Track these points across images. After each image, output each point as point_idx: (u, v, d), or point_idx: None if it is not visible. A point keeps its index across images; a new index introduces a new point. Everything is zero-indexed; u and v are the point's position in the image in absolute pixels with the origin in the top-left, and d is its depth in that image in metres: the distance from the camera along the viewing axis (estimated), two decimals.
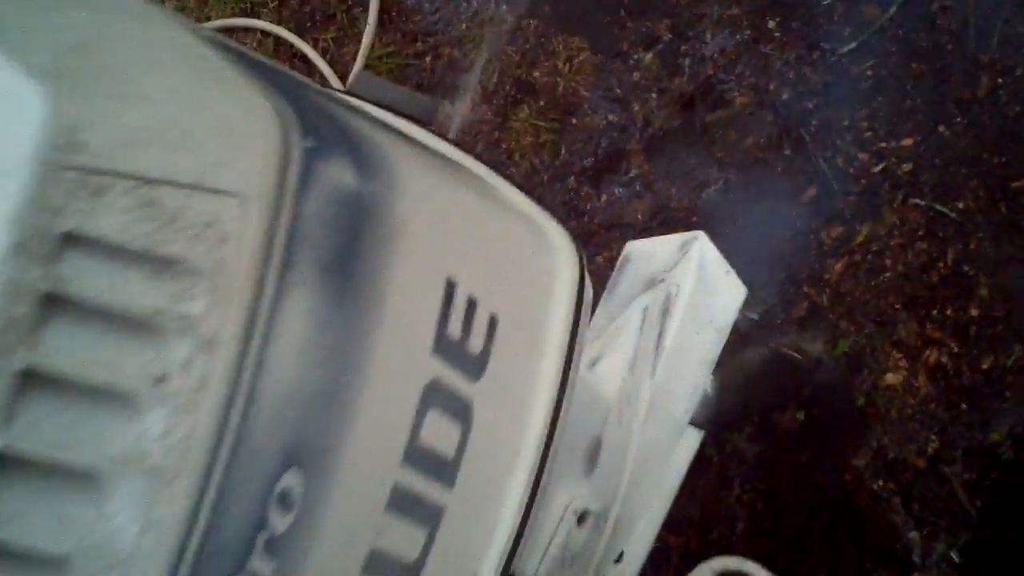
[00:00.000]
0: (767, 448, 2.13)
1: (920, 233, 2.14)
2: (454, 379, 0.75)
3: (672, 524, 1.82)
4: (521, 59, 2.50)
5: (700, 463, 1.81)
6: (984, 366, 2.05)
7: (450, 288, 0.73)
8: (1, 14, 0.55)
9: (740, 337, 2.02)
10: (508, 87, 2.49)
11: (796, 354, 2.13)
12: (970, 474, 2.03)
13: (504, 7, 2.54)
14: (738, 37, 2.33)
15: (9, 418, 0.52)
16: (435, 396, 0.73)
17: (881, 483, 2.06)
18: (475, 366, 0.77)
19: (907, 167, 2.16)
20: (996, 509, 2.02)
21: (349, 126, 0.69)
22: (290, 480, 0.63)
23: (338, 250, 0.62)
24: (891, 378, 2.10)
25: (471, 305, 0.75)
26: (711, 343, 1.63)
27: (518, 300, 0.81)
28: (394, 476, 0.72)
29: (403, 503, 0.74)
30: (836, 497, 2.08)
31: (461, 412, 0.77)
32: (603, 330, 1.62)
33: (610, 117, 2.40)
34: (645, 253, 1.76)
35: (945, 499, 2.04)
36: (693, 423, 1.68)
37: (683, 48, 2.36)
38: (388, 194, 0.66)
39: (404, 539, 0.76)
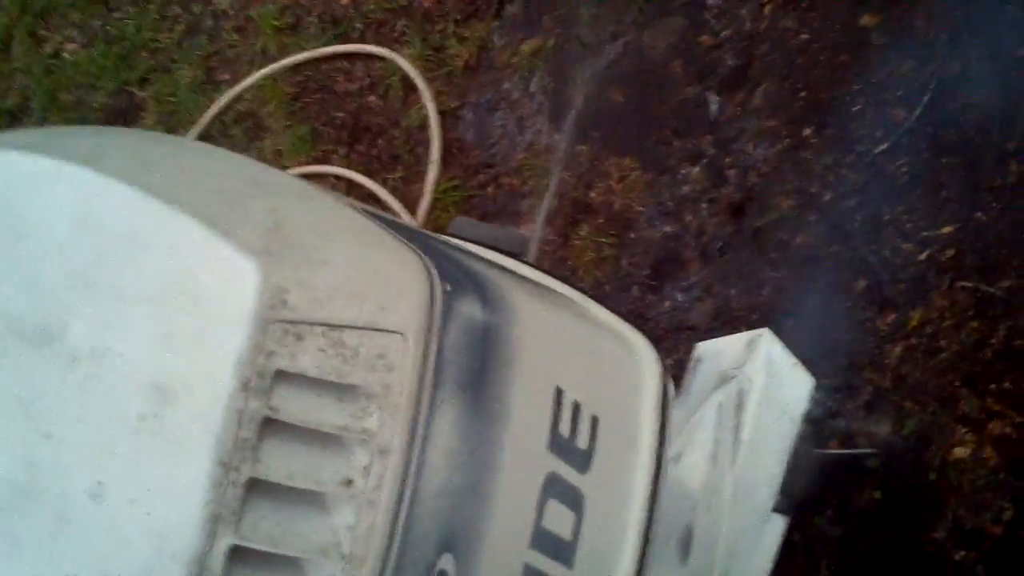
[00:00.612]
0: (848, 528, 2.22)
1: (970, 313, 2.26)
2: (567, 472, 0.89)
3: None
4: (577, 181, 2.68)
5: (787, 549, 1.91)
6: None
7: (559, 395, 0.88)
8: (208, 205, 0.73)
9: (813, 425, 2.12)
10: (567, 208, 2.67)
11: (866, 439, 2.23)
12: None
13: (556, 136, 2.73)
14: (778, 146, 2.50)
15: (239, 519, 0.68)
16: (553, 487, 0.88)
17: (963, 553, 2.14)
18: (583, 460, 0.92)
19: (950, 253, 2.29)
20: None
21: (471, 269, 0.85)
22: (445, 564, 0.78)
23: (472, 371, 0.78)
24: (959, 451, 2.19)
25: (576, 409, 0.90)
26: (786, 432, 1.74)
27: (614, 402, 0.96)
28: (525, 557, 0.86)
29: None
30: (921, 571, 2.15)
31: (574, 500, 0.91)
32: (681, 428, 1.74)
33: (665, 228, 2.56)
34: (714, 352, 1.89)
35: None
36: (777, 510, 1.78)
37: (727, 160, 2.53)
38: (507, 323, 0.82)
39: None
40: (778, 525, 1.77)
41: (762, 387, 1.68)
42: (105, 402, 0.70)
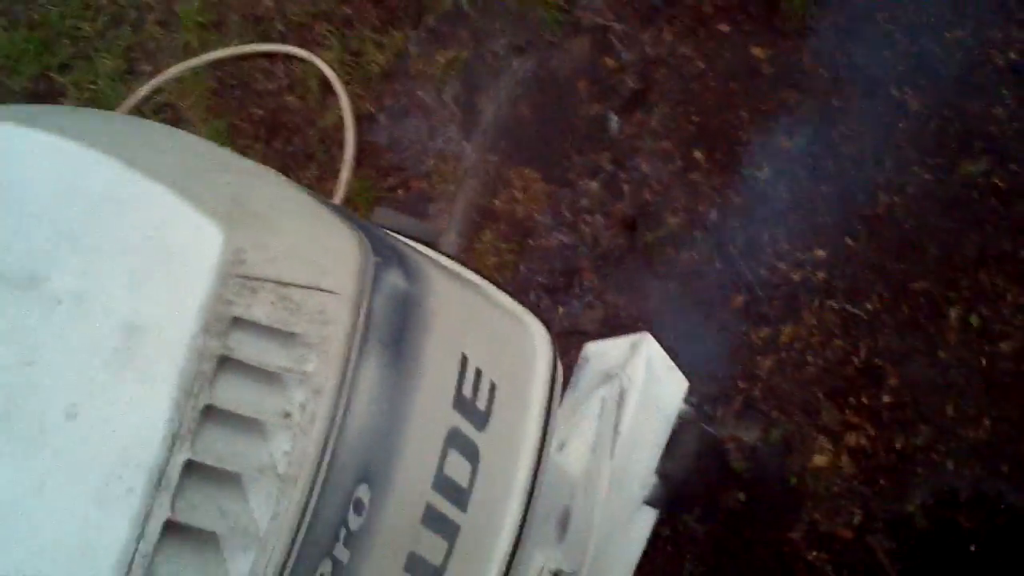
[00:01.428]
0: (714, 527, 2.41)
1: (836, 332, 2.47)
2: (467, 428, 1.04)
3: None
4: (483, 189, 2.84)
5: (655, 541, 2.08)
6: (897, 446, 2.36)
7: (464, 361, 1.03)
8: (179, 176, 0.86)
9: (685, 427, 2.30)
10: (472, 214, 2.82)
11: (735, 443, 2.42)
12: (891, 542, 2.31)
13: (465, 144, 2.88)
14: (670, 166, 2.69)
15: (195, 439, 0.81)
16: (454, 440, 1.03)
17: (815, 554, 2.34)
18: (481, 419, 1.07)
19: (821, 275, 2.50)
20: (914, 573, 2.30)
21: (396, 247, 1.00)
22: (362, 493, 0.92)
23: (393, 331, 0.93)
24: (819, 459, 2.40)
25: (478, 374, 1.05)
26: (660, 429, 1.89)
27: (510, 372, 1.11)
28: (428, 497, 1.00)
29: (432, 518, 1.02)
30: (776, 569, 2.35)
31: (472, 453, 1.06)
32: (568, 419, 1.87)
33: (563, 238, 2.73)
34: (600, 353, 2.04)
35: (870, 566, 2.31)
36: (648, 503, 1.93)
37: (623, 176, 2.72)
38: (424, 294, 0.97)
39: (432, 547, 1.04)
40: (648, 517, 1.91)
41: (641, 386, 1.81)
42: (83, 337, 0.83)
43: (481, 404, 1.06)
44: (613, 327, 2.53)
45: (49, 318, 0.84)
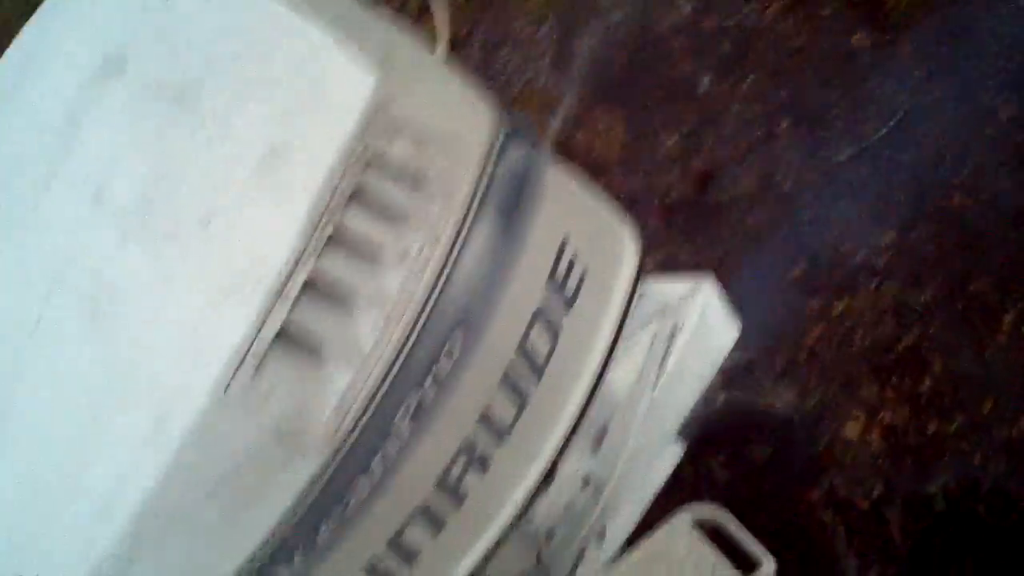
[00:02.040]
0: (736, 474, 2.48)
1: (888, 314, 2.52)
2: (554, 307, 1.12)
3: (644, 527, 2.14)
4: (565, 124, 2.90)
5: (677, 477, 2.15)
6: (930, 430, 2.40)
7: (563, 244, 1.10)
8: (339, 26, 0.94)
9: (727, 375, 2.37)
10: (550, 147, 2.88)
11: (771, 400, 2.49)
12: (906, 519, 2.37)
13: (553, 79, 2.94)
14: (754, 132, 2.74)
15: (317, 261, 0.89)
16: (541, 314, 1.10)
17: (830, 516, 2.40)
18: (567, 304, 1.14)
19: (884, 259, 2.55)
20: (924, 551, 2.35)
21: (522, 123, 1.08)
22: (455, 339, 1.00)
23: (510, 200, 1.01)
24: (850, 431, 2.45)
25: (572, 260, 1.13)
26: (705, 371, 1.95)
27: (600, 268, 1.18)
28: (510, 359, 1.09)
29: (509, 382, 1.11)
30: (789, 523, 2.41)
31: (553, 332, 1.13)
32: (621, 344, 1.93)
33: (634, 183, 2.79)
34: (659, 289, 2.10)
35: (882, 537, 2.37)
36: (678, 439, 2.00)
37: (705, 134, 2.76)
38: (541, 172, 1.05)
39: (503, 410, 1.12)
40: (676, 451, 1.97)
41: (693, 327, 1.86)
42: (226, 153, 0.92)
43: (569, 289, 1.13)
44: (670, 272, 2.58)
45: (196, 131, 0.93)
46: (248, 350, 0.86)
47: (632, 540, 1.97)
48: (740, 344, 1.91)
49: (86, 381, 0.89)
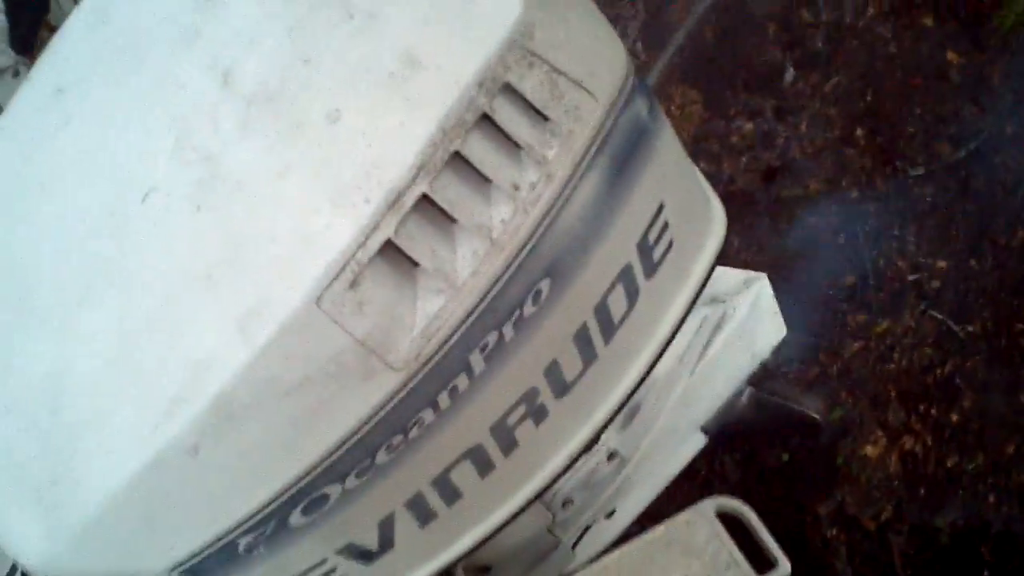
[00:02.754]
0: (748, 475, 2.48)
1: (929, 341, 2.50)
2: (638, 270, 1.10)
3: (651, 512, 2.14)
4: None
5: (690, 469, 2.15)
6: (949, 463, 2.40)
7: (660, 209, 1.09)
8: None
9: (758, 375, 2.35)
10: None
11: (798, 406, 2.48)
12: (910, 547, 2.37)
13: (640, 46, 2.91)
14: (829, 134, 2.71)
15: (435, 177, 0.88)
16: (625, 275, 1.09)
17: (834, 532, 2.40)
18: (651, 268, 1.13)
19: (936, 284, 2.53)
20: None
21: (646, 82, 1.06)
22: (543, 285, 0.99)
23: (623, 153, 0.99)
24: (870, 450, 2.45)
25: (665, 226, 1.11)
26: (744, 366, 1.94)
27: (687, 238, 1.16)
28: (587, 315, 1.07)
29: (582, 337, 1.09)
30: (793, 531, 2.41)
31: (632, 294, 1.12)
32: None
33: (700, 165, 2.76)
34: (715, 276, 2.08)
35: (883, 562, 2.37)
36: (704, 429, 1.99)
37: (780, 127, 2.74)
38: (657, 131, 1.03)
39: (571, 363, 1.11)
40: (698, 441, 1.96)
41: (742, 320, 1.85)
42: (364, 53, 0.89)
43: (656, 256, 1.12)
44: (721, 263, 2.56)
45: (337, 27, 0.91)
46: (351, 257, 0.84)
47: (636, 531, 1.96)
48: (777, 346, 1.89)
49: (185, 260, 0.88)
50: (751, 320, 1.87)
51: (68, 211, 0.94)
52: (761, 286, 1.93)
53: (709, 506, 1.56)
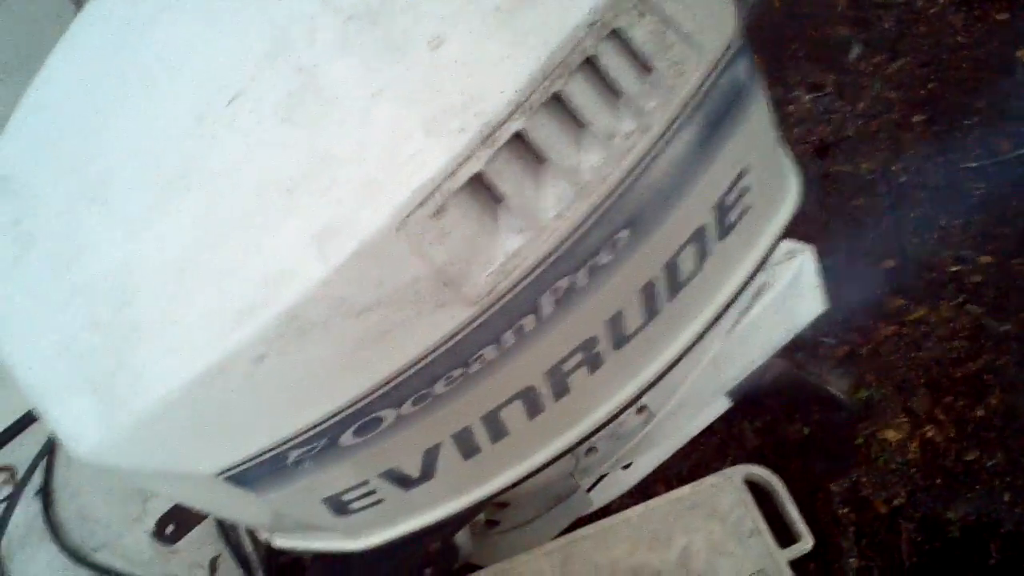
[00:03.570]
0: (766, 443, 2.47)
1: (964, 334, 2.49)
2: (711, 231, 1.10)
3: (663, 469, 2.15)
4: None
5: (708, 431, 2.15)
6: (968, 458, 2.39)
7: (741, 173, 1.07)
8: None
9: (788, 346, 2.35)
10: None
11: (824, 383, 2.47)
12: (918, 536, 2.37)
13: None
14: (886, 116, 2.67)
15: (532, 116, 0.86)
16: (699, 235, 1.08)
17: (845, 511, 2.40)
18: (724, 231, 1.12)
19: (976, 278, 2.51)
20: (927, 570, 2.36)
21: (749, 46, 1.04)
22: (622, 235, 0.98)
23: (718, 114, 0.97)
24: (891, 435, 2.44)
25: (743, 192, 1.10)
26: (779, 335, 1.93)
27: (761, 205, 1.16)
28: (656, 270, 1.06)
29: (648, 292, 1.09)
30: (803, 506, 2.41)
31: (702, 255, 1.11)
32: None
33: None
34: None
35: (890, 547, 2.37)
36: (729, 394, 1.99)
37: (838, 103, 2.70)
38: (752, 94, 1.01)
39: (632, 317, 1.10)
40: (722, 404, 1.97)
41: (783, 289, 1.84)
42: None
43: (730, 219, 1.11)
44: None
45: None
46: (439, 186, 0.83)
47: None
48: (812, 321, 1.89)
49: (268, 170, 0.87)
50: (792, 291, 1.87)
51: (154, 105, 0.94)
52: (806, 258, 1.92)
53: (739, 473, 1.56)
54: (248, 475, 1.00)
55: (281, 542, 1.33)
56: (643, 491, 2.18)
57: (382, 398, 0.94)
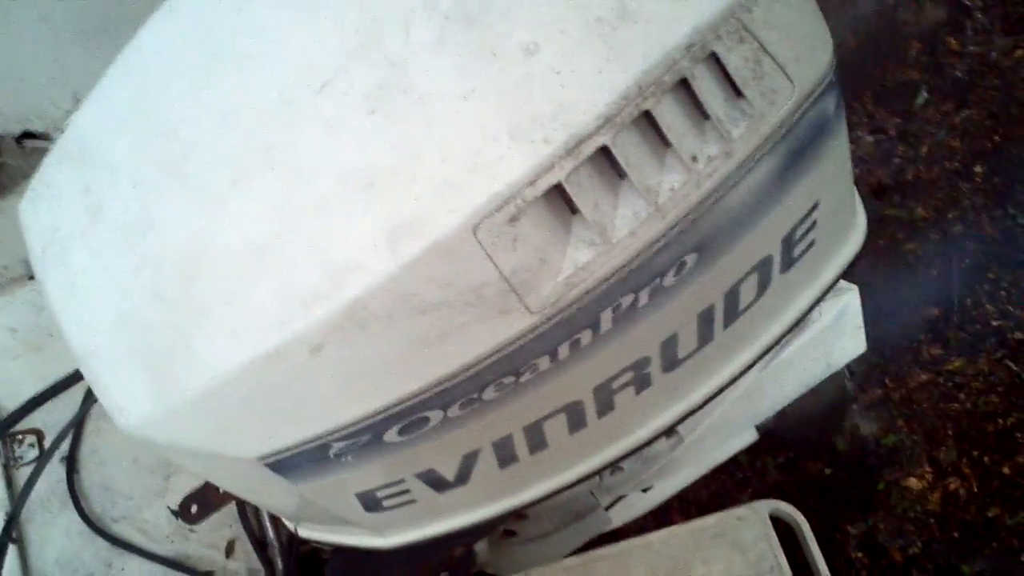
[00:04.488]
0: (787, 480, 2.46)
1: (999, 389, 2.47)
2: (776, 263, 1.08)
3: (682, 495, 2.13)
4: None
5: (732, 462, 2.13)
6: (990, 514, 2.37)
7: (814, 207, 1.06)
8: None
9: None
10: None
11: (854, 424, 2.46)
12: None
13: None
14: (946, 164, 2.65)
15: (619, 132, 0.85)
16: (763, 265, 1.07)
17: (860, 555, 2.39)
18: (787, 264, 1.10)
19: (1019, 335, 2.49)
20: None
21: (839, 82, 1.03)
22: (690, 259, 0.97)
23: (800, 145, 0.96)
24: (913, 483, 2.43)
25: (812, 225, 1.08)
26: (816, 373, 1.92)
27: (826, 242, 1.14)
28: (717, 298, 1.05)
29: (704, 318, 1.07)
30: (819, 545, 2.39)
31: (763, 286, 1.10)
32: None
33: None
34: None
35: None
36: (758, 426, 1.98)
37: (900, 148, 2.68)
38: (836, 130, 1.00)
39: (687, 341, 1.09)
40: (749, 436, 1.95)
41: (825, 326, 1.83)
42: None
43: (795, 253, 1.09)
44: None
45: None
46: (518, 193, 0.82)
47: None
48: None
49: (349, 160, 0.86)
50: (833, 330, 1.85)
51: (243, 84, 0.93)
52: (851, 298, 1.91)
53: (764, 507, 1.54)
54: (288, 463, 0.99)
55: (306, 532, 1.32)
56: (660, 515, 2.17)
57: (432, 399, 0.93)
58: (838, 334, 1.90)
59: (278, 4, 0.94)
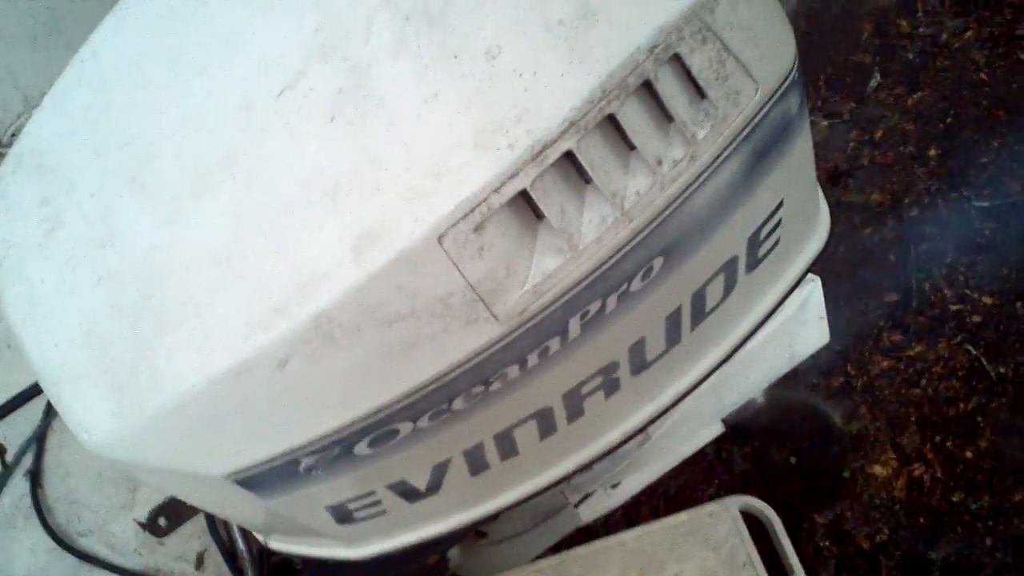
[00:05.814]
0: (753, 470, 2.47)
1: (960, 374, 2.49)
2: (741, 263, 1.08)
3: (651, 489, 2.13)
4: None
5: (698, 453, 2.14)
6: (954, 499, 2.39)
7: (779, 206, 1.06)
8: None
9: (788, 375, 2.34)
10: None
11: (816, 413, 2.47)
12: (899, 573, 2.38)
13: None
14: (901, 148, 2.67)
15: (583, 136, 0.84)
16: (729, 266, 1.06)
17: (827, 543, 2.40)
18: (753, 264, 1.10)
19: (977, 319, 2.51)
20: None
21: (802, 80, 1.02)
22: (656, 263, 0.96)
23: (764, 146, 0.95)
24: (878, 470, 2.44)
25: (776, 226, 1.08)
26: (780, 364, 1.92)
27: (790, 240, 1.14)
28: (684, 300, 1.05)
29: (672, 322, 1.07)
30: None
31: (729, 287, 1.09)
32: None
33: None
34: None
35: None
36: (724, 419, 1.98)
37: (855, 132, 2.69)
38: (798, 129, 1.00)
39: (654, 344, 1.08)
40: (715, 429, 1.95)
41: (787, 319, 1.83)
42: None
43: (760, 252, 1.09)
44: None
45: None
46: (483, 201, 0.81)
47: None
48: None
49: (311, 168, 0.84)
50: (796, 321, 1.85)
51: (202, 89, 0.91)
52: (813, 288, 1.91)
53: (735, 503, 1.54)
54: (257, 479, 0.97)
55: (277, 544, 1.31)
56: (629, 508, 2.17)
57: (401, 411, 0.92)
58: (801, 325, 1.90)
59: (238, 4, 0.93)
